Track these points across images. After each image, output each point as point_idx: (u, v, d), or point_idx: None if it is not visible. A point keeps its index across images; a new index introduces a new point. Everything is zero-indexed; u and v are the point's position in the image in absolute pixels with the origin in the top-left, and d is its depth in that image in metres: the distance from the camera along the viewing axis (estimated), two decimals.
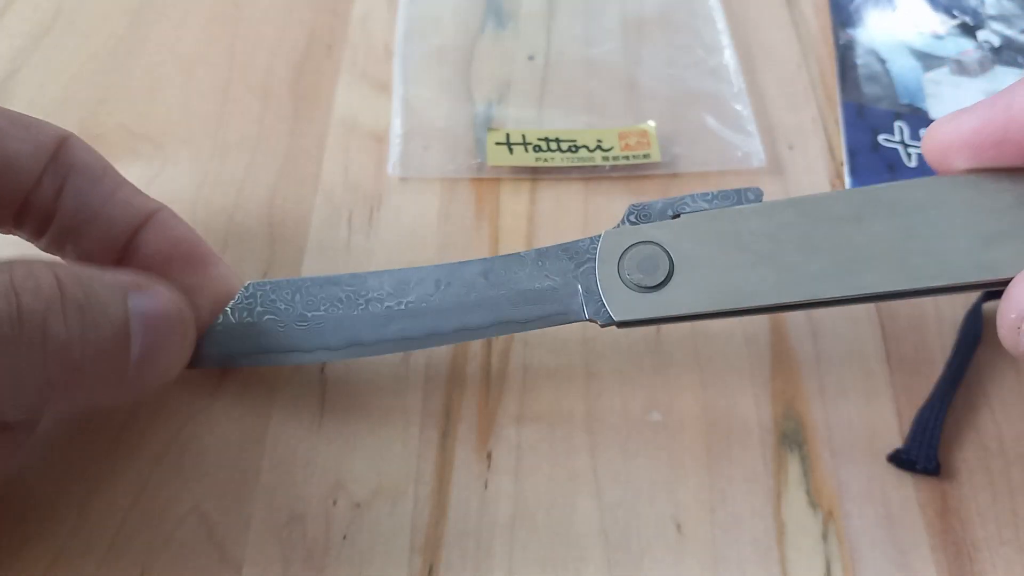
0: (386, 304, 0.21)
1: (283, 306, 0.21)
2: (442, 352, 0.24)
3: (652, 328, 0.25)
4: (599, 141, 0.29)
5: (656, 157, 0.28)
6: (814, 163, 0.29)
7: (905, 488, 0.22)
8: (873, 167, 0.29)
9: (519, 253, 0.22)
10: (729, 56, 0.32)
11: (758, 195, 0.21)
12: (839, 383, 0.24)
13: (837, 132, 0.30)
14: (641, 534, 0.21)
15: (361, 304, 0.21)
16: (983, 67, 0.32)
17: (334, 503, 0.21)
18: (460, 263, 0.22)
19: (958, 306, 0.26)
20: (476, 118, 0.30)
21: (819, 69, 0.32)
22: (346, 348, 0.21)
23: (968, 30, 0.33)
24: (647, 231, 0.21)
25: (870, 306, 0.26)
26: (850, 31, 0.33)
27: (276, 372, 0.23)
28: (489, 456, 0.22)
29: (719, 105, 0.30)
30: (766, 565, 0.21)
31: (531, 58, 0.32)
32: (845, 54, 0.32)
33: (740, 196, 0.21)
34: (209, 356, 0.21)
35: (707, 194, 0.21)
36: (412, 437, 0.23)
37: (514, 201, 0.28)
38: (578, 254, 0.21)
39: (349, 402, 0.23)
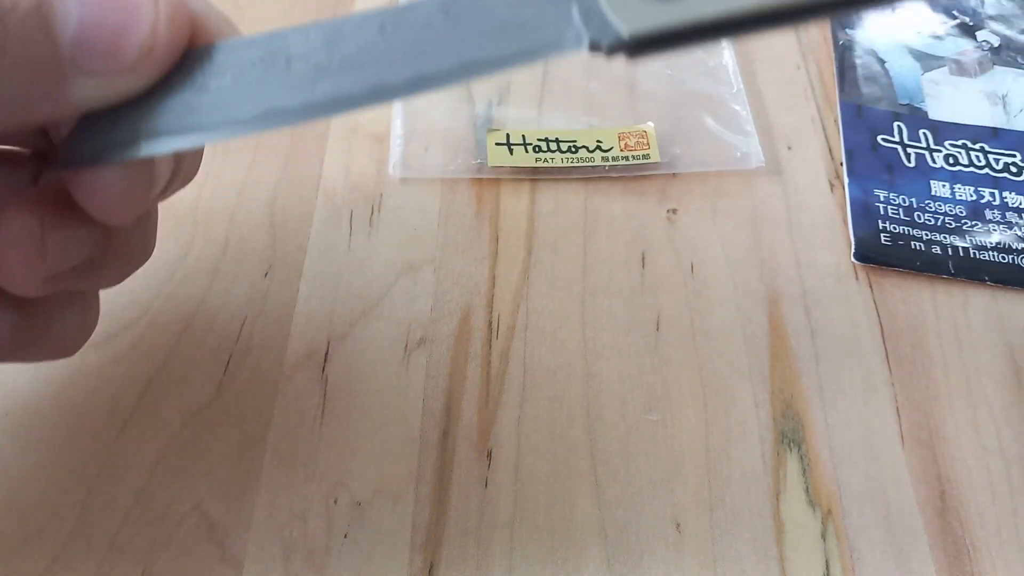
0: (315, 60, 0.16)
1: (177, 78, 0.16)
2: (442, 352, 0.24)
3: (652, 327, 0.25)
4: (599, 142, 0.29)
5: (655, 157, 0.29)
6: (813, 163, 0.29)
7: (904, 488, 0.22)
8: (872, 168, 0.29)
9: None
10: (728, 57, 0.32)
11: None
12: (838, 382, 0.24)
13: (836, 132, 0.30)
14: (640, 533, 0.21)
15: (282, 65, 0.16)
16: (982, 67, 0.32)
17: (335, 502, 0.21)
18: (411, 2, 0.17)
19: (957, 307, 0.26)
20: (476, 119, 0.30)
21: (818, 69, 0.32)
22: (260, 119, 0.16)
23: (967, 30, 0.33)
24: None
25: (870, 307, 0.26)
26: (849, 31, 0.33)
27: (277, 371, 0.23)
28: (489, 455, 0.22)
29: (718, 106, 0.30)
30: (765, 564, 0.21)
31: None
32: (844, 54, 0.32)
33: None
34: (79, 151, 0.16)
35: None
36: (412, 436, 0.23)
37: (514, 201, 0.28)
38: None
39: (349, 401, 0.23)
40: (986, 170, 0.29)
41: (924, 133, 0.30)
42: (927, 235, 0.27)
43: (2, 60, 0.14)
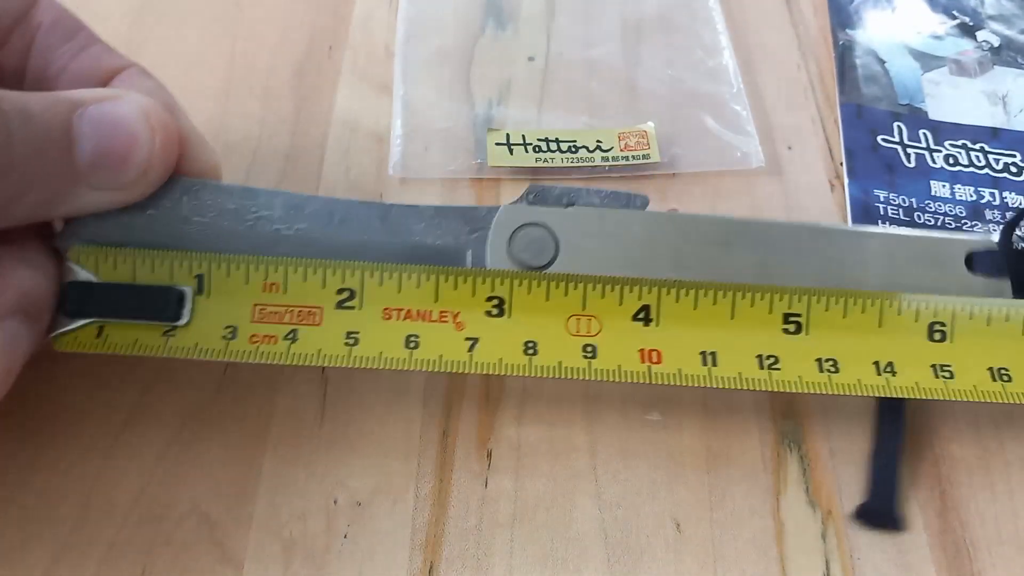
0: (275, 226, 0.21)
1: (168, 203, 0.21)
2: None
3: None
4: (599, 142, 0.29)
5: (655, 157, 0.29)
6: (813, 163, 0.29)
7: (904, 487, 0.22)
8: (872, 167, 0.29)
9: (418, 206, 0.22)
10: (728, 57, 0.32)
11: (644, 203, 0.22)
12: None
13: (836, 133, 0.30)
14: (641, 533, 0.21)
15: (250, 221, 0.21)
16: (982, 67, 0.32)
17: (335, 502, 0.21)
18: (360, 202, 0.22)
19: None
20: (476, 119, 0.30)
21: (818, 70, 0.32)
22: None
23: (967, 30, 0.33)
24: (542, 213, 0.22)
25: None
26: (849, 31, 0.33)
27: (277, 371, 0.23)
28: (489, 455, 0.22)
29: (718, 106, 0.30)
30: (765, 564, 0.21)
31: (531, 59, 0.32)
32: (844, 55, 0.32)
33: (629, 200, 0.22)
34: (84, 237, 0.21)
35: (601, 191, 0.22)
36: (413, 436, 0.23)
37: None
38: (474, 220, 0.22)
39: (350, 401, 0.23)
40: (986, 170, 0.29)
41: (924, 133, 0.30)
42: None
43: (21, 168, 0.17)
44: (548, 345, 0.21)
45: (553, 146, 0.29)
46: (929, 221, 0.27)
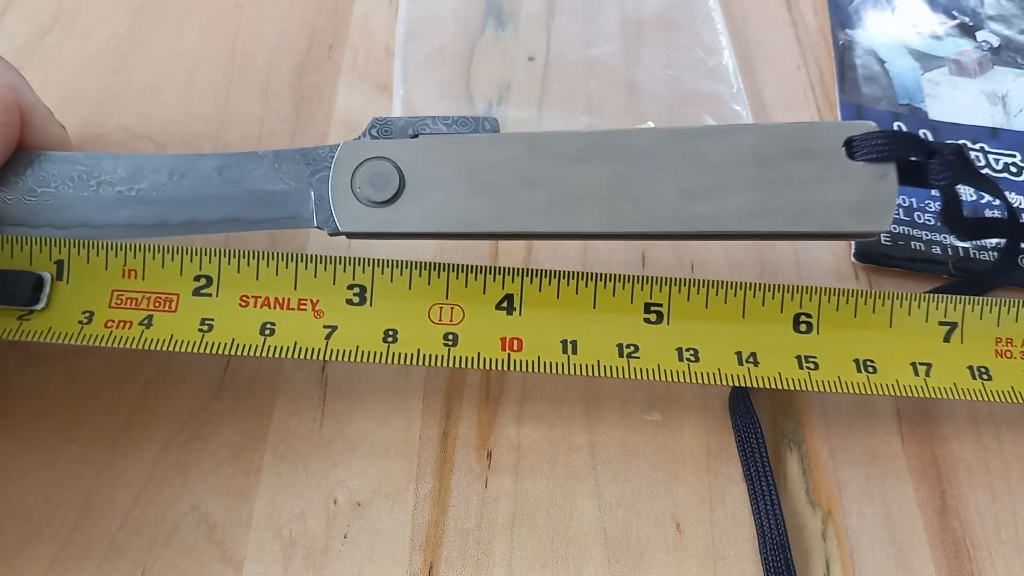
0: (118, 188, 0.21)
1: (13, 178, 0.21)
2: None
3: None
4: None
5: None
6: None
7: (904, 487, 0.22)
8: None
9: (257, 152, 0.22)
10: (728, 57, 0.32)
11: (495, 125, 0.21)
12: None
13: None
14: (641, 533, 0.21)
15: (93, 186, 0.21)
16: (982, 67, 0.32)
17: (335, 502, 0.21)
18: (197, 155, 0.22)
19: None
20: None
21: (818, 70, 0.32)
22: (73, 228, 0.21)
23: (967, 30, 0.33)
24: (384, 147, 0.21)
25: None
26: (849, 31, 0.33)
27: (277, 371, 0.23)
28: (489, 455, 0.22)
29: (718, 106, 0.30)
30: None
31: (531, 59, 0.32)
32: (844, 55, 0.32)
33: (478, 124, 0.21)
34: None
35: (448, 118, 0.21)
36: (412, 436, 0.23)
37: None
38: (315, 161, 0.21)
39: (349, 401, 0.23)
40: (986, 170, 0.29)
41: (924, 133, 0.30)
42: (927, 235, 0.27)
43: None
44: (408, 333, 0.21)
45: None
46: (929, 221, 0.27)
